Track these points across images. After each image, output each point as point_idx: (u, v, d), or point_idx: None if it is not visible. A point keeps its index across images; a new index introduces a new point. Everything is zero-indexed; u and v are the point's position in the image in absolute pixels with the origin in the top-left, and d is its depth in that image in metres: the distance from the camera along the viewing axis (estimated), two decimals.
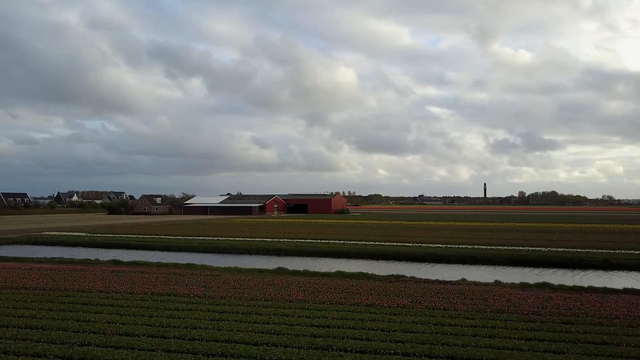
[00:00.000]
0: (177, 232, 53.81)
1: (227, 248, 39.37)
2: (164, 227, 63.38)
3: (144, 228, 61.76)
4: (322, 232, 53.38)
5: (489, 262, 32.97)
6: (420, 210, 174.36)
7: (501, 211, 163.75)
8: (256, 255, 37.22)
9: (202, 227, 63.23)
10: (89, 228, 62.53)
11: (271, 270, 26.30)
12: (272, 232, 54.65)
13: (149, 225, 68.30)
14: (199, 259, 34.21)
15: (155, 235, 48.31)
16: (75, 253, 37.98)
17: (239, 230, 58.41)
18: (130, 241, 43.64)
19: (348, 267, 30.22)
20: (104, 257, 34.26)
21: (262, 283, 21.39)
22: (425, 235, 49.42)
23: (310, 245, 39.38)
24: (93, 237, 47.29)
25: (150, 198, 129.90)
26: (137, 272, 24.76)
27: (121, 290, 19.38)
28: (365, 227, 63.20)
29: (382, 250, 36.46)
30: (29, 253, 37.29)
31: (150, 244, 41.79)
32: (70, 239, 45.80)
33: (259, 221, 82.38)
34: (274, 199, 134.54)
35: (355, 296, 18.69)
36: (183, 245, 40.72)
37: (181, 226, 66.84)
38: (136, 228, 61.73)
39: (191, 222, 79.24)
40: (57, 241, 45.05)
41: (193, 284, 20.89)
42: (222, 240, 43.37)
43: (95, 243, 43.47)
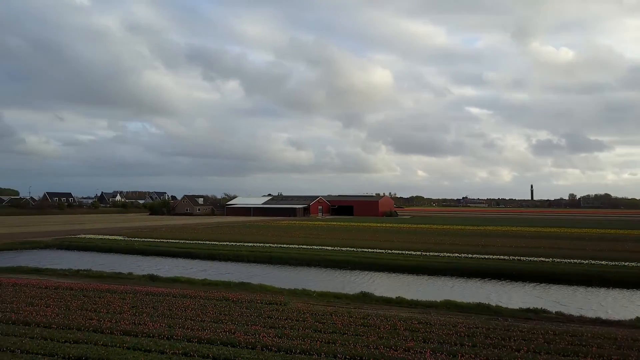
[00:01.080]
0: (223, 236, 48.27)
1: (280, 258, 33.21)
2: (208, 231, 58.15)
3: (186, 231, 56.70)
4: (382, 239, 46.62)
5: (622, 284, 25.48)
6: (472, 213, 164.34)
7: (559, 214, 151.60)
8: (316, 268, 30.91)
9: (249, 231, 57.62)
10: (128, 230, 58.01)
11: (352, 297, 19.82)
12: (324, 237, 48.29)
13: (192, 228, 63.31)
14: (252, 274, 28.17)
15: (198, 241, 42.83)
16: (108, 262, 32.73)
17: (287, 234, 52.40)
18: (170, 248, 38.18)
19: (451, 291, 23.47)
20: (139, 269, 28.73)
21: (352, 321, 14.93)
22: (511, 243, 41.78)
23: (378, 257, 32.73)
24: (130, 242, 42.22)
25: (192, 198, 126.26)
26: (178, 295, 18.80)
27: (155, 331, 13.34)
28: (430, 234, 55.93)
29: (473, 266, 29.40)
30: (56, 261, 32.31)
31: (194, 252, 36.18)
32: (106, 243, 40.86)
33: (306, 224, 76.29)
34: (318, 200, 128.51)
35: (509, 352, 11.97)
36: (231, 254, 34.85)
37: (225, 229, 61.50)
38: (178, 231, 56.75)
39: (235, 225, 73.99)
40: (91, 246, 40.15)
41: (256, 322, 14.62)
42: (273, 248, 37.34)
43: (133, 249, 38.24)
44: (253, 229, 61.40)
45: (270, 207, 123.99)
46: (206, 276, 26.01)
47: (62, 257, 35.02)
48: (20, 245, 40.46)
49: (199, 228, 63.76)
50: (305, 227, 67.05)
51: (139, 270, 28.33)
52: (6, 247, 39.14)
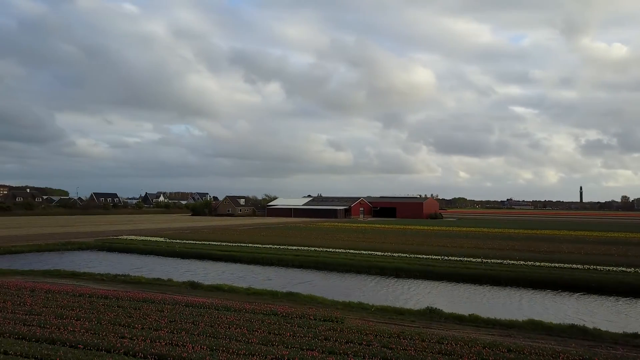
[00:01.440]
0: (265, 238, 46.57)
1: (327, 264, 30.94)
2: (250, 232, 56.66)
3: (228, 233, 55.37)
4: (434, 244, 43.66)
5: None
6: (520, 216, 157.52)
7: (613, 218, 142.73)
8: (366, 275, 28.46)
9: (291, 233, 55.76)
10: (170, 231, 57.26)
11: (417, 313, 17.26)
12: (371, 241, 45.75)
13: (233, 230, 62.05)
14: (298, 281, 26.06)
15: (240, 243, 41.20)
16: (147, 265, 31.37)
17: (332, 237, 50.17)
18: (212, 250, 36.59)
19: (529, 306, 20.62)
20: (180, 274, 27.14)
21: (425, 347, 12.43)
22: (578, 249, 37.90)
23: (435, 265, 29.92)
24: (172, 243, 41.00)
25: (233, 199, 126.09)
26: (221, 308, 16.79)
27: (195, 356, 11.28)
28: (484, 238, 52.41)
29: (543, 275, 26.22)
30: (95, 264, 31.22)
31: (236, 255, 34.44)
32: (147, 245, 39.76)
33: (349, 226, 73.87)
34: (359, 201, 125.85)
35: None
36: (274, 258, 32.90)
37: (267, 231, 59.89)
38: (220, 232, 55.50)
39: (277, 226, 72.42)
40: (132, 248, 39.11)
41: (312, 346, 12.32)
42: (319, 253, 35.15)
43: (173, 252, 36.90)
44: (295, 231, 59.51)
45: (311, 208, 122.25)
46: (250, 283, 24.04)
47: (101, 260, 33.99)
48: (62, 246, 39.91)
49: (241, 229, 62.46)
50: (349, 230, 64.67)
51: (179, 275, 26.73)
52: (49, 248, 38.63)
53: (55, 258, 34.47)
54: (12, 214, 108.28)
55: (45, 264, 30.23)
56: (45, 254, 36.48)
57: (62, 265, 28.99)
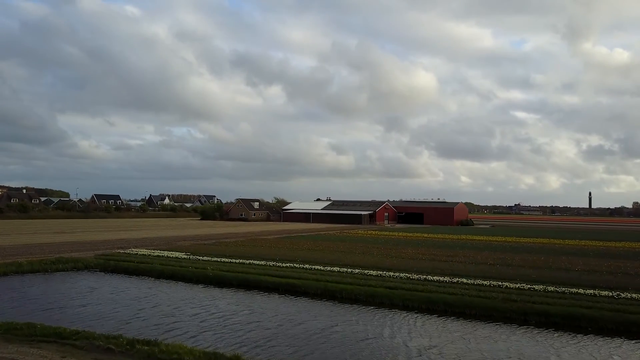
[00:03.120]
0: (311, 254, 36.38)
1: (451, 304, 20.45)
2: (284, 244, 46.23)
3: (259, 245, 45.02)
4: (507, 262, 33.55)
5: None
6: (542, 222, 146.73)
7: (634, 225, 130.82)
8: (536, 330, 18.19)
9: (334, 246, 45.30)
10: (187, 242, 46.90)
11: None
12: (460, 259, 35.56)
13: (262, 240, 51.61)
14: (405, 333, 15.69)
15: (285, 262, 30.90)
16: (174, 304, 20.95)
17: (396, 252, 39.87)
18: (260, 275, 25.95)
19: None
20: (234, 332, 16.75)
21: None
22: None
23: (551, 301, 19.78)
24: (198, 262, 30.56)
25: (247, 202, 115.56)
26: None
27: None
28: (547, 251, 41.81)
29: None
30: (93, 302, 20.83)
31: (298, 285, 23.89)
32: (166, 265, 29.30)
33: (385, 235, 63.27)
34: (384, 206, 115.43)
35: None
36: (359, 292, 22.30)
37: (303, 242, 49.44)
38: (250, 245, 45.13)
39: (307, 235, 61.97)
40: (146, 269, 28.62)
41: None
42: (422, 283, 25.00)
43: (205, 276, 26.45)
44: (336, 243, 49.02)
45: (332, 213, 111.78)
46: None
47: (104, 292, 23.56)
48: (51, 264, 29.55)
49: (270, 239, 52.04)
50: (396, 240, 54.26)
51: (232, 334, 16.40)
52: (33, 268, 28.32)
53: (36, 287, 24.15)
54: (4, 217, 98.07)
55: (17, 304, 19.93)
56: (26, 278, 26.20)
57: (43, 303, 18.80)
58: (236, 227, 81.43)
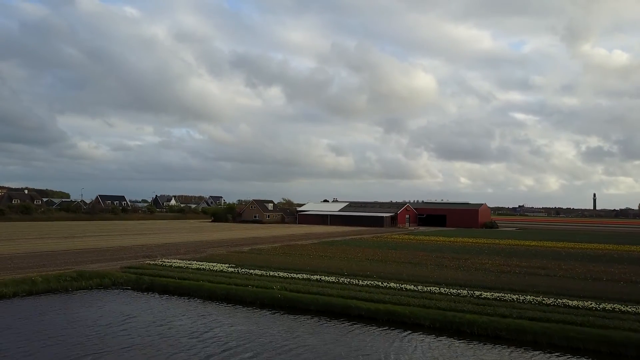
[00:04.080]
0: (370, 265, 30.88)
1: (550, 334, 15.02)
2: (328, 251, 40.54)
3: (302, 252, 39.36)
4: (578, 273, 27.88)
5: None
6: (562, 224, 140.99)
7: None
8: None
9: (381, 253, 39.66)
10: (217, 248, 41.22)
11: None
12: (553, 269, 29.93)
13: (300, 246, 45.91)
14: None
15: (364, 279, 25.32)
16: (242, 338, 15.19)
17: (439, 261, 34.37)
18: (345, 300, 20.21)
19: None
20: None
21: None
22: None
23: None
24: (251, 278, 24.87)
25: (261, 204, 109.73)
26: None
27: None
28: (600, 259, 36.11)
29: None
30: (134, 334, 15.11)
31: (404, 315, 18.00)
32: (216, 283, 23.55)
33: (429, 241, 57.54)
34: (405, 207, 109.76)
35: None
36: (488, 324, 16.71)
37: (345, 249, 43.75)
38: (291, 251, 39.41)
39: (337, 239, 56.25)
40: (191, 288, 22.90)
41: None
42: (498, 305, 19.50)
43: (272, 300, 20.75)
44: (390, 251, 43.26)
45: (351, 215, 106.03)
46: None
47: (144, 322, 17.86)
48: (73, 281, 23.92)
49: (308, 245, 46.30)
50: (450, 247, 48.61)
51: None
52: (50, 287, 22.72)
53: (56, 315, 18.52)
54: (6, 219, 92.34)
55: (35, 347, 14.26)
56: (43, 301, 20.60)
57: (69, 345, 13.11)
58: (255, 230, 75.69)
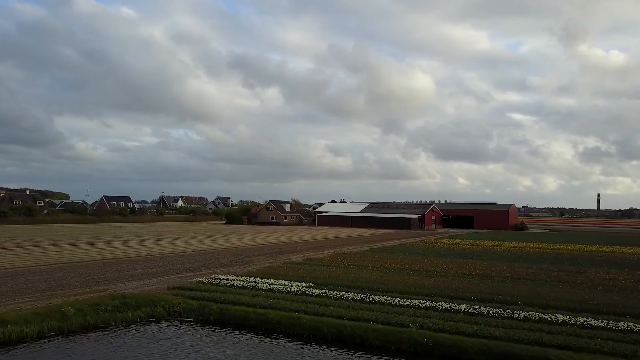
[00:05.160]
0: (452, 281, 24.94)
1: None
2: (394, 261, 34.51)
3: (365, 262, 33.34)
4: None
5: None
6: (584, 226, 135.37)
7: None
8: None
9: (442, 264, 33.72)
10: (261, 256, 35.13)
11: None
12: None
13: (354, 255, 39.89)
14: None
15: (483, 303, 19.42)
16: None
17: (551, 276, 28.37)
18: (508, 344, 14.41)
19: None
20: None
21: None
22: None
23: None
24: (351, 306, 18.86)
25: (278, 204, 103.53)
26: None
27: None
28: None
29: None
30: None
31: None
32: (317, 316, 17.59)
33: (480, 246, 51.46)
34: (431, 208, 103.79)
35: None
36: None
37: (400, 258, 37.70)
38: (353, 262, 33.30)
39: (377, 245, 50.22)
40: (281, 321, 16.74)
41: None
42: None
43: (409, 342, 14.67)
44: (459, 260, 37.24)
45: (374, 216, 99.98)
46: None
47: None
48: (115, 311, 17.87)
49: (362, 254, 40.21)
50: (517, 254, 42.59)
51: None
52: (90, 322, 16.74)
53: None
54: (8, 221, 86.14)
55: None
56: (78, 344, 14.64)
57: None
58: (280, 233, 69.58)
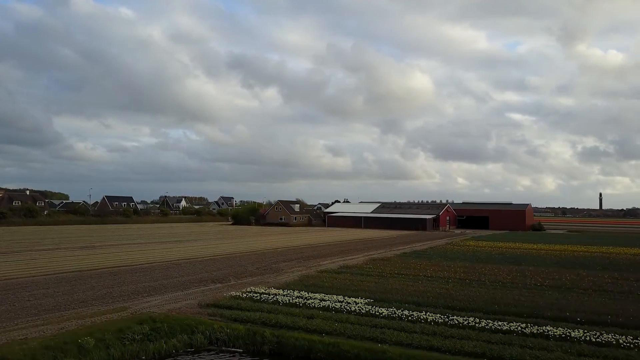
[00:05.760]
0: (549, 296, 21.29)
1: None
2: (431, 268, 30.95)
3: (399, 268, 29.76)
4: None
5: None
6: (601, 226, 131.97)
7: None
8: None
9: (498, 272, 30.14)
10: (298, 266, 31.54)
11: None
12: None
13: (386, 261, 36.30)
14: None
15: None
16: None
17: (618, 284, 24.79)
18: None
19: None
20: None
21: None
22: None
23: None
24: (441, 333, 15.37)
25: (287, 205, 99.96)
26: None
27: None
28: None
29: None
30: None
31: None
32: (403, 348, 14.10)
33: (498, 247, 47.87)
34: (446, 208, 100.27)
35: None
36: None
37: (443, 264, 34.19)
38: (392, 268, 29.72)
39: (407, 249, 46.69)
40: (359, 355, 13.24)
41: None
42: None
43: None
44: (509, 267, 33.67)
45: (389, 217, 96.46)
46: None
47: None
48: (145, 341, 14.30)
49: (396, 260, 36.66)
50: (564, 258, 39.03)
51: None
52: (114, 356, 13.18)
53: None
54: (8, 222, 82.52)
55: None
56: None
57: None
58: (293, 234, 65.97)
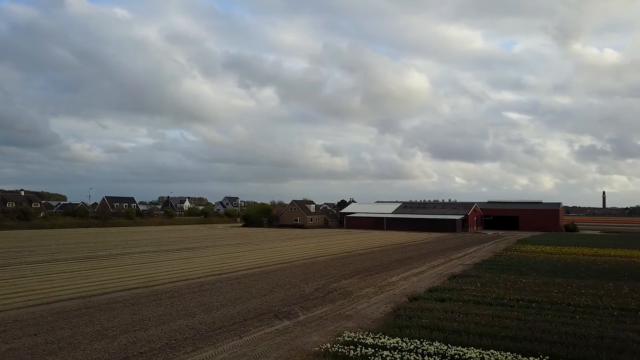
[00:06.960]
0: None
1: None
2: (534, 287, 23.65)
3: (516, 293, 22.50)
4: None
5: None
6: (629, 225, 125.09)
7: None
8: None
9: (614, 291, 22.98)
10: (367, 287, 24.30)
11: None
12: None
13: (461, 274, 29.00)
14: None
15: None
16: None
17: None
18: None
19: None
20: None
21: None
22: None
23: None
24: None
25: (302, 205, 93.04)
26: None
27: None
28: None
29: None
30: None
31: None
32: None
33: (567, 254, 40.71)
34: (474, 208, 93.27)
35: None
36: None
37: (537, 281, 26.86)
38: (507, 293, 22.52)
39: (461, 254, 39.47)
40: None
41: None
42: None
43: None
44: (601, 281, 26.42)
45: (414, 218, 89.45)
46: None
47: None
48: None
49: (485, 276, 29.38)
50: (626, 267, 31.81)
51: None
52: None
53: None
54: (0, 226, 75.35)
55: None
56: None
57: None
58: (316, 238, 58.61)
